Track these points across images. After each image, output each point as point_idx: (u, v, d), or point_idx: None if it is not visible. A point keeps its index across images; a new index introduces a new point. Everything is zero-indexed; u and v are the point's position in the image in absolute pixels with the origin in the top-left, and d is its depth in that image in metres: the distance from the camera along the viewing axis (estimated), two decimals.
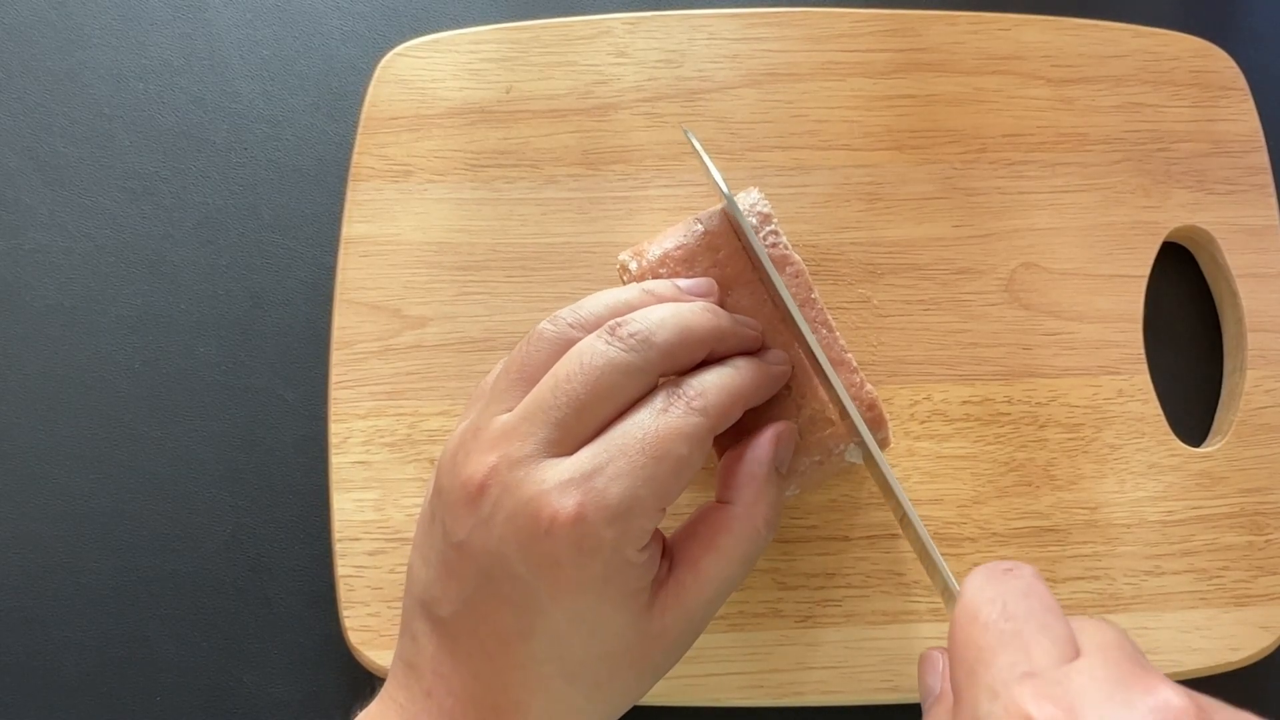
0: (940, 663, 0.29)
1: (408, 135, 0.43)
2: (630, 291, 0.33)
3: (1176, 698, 0.20)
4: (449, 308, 0.42)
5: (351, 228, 0.42)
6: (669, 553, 0.32)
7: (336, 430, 0.41)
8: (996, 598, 0.24)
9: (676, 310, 0.31)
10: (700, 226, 0.36)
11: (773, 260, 0.35)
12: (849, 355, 0.35)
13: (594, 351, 0.30)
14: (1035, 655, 0.22)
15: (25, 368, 0.43)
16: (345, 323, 0.42)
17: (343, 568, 0.40)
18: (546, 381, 0.30)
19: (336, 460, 0.40)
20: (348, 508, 0.40)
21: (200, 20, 0.47)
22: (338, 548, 0.40)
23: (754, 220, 0.36)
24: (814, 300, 0.36)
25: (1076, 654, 0.23)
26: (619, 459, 0.29)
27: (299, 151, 0.46)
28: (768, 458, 0.32)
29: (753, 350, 0.34)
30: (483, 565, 0.29)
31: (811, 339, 0.34)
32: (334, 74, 0.46)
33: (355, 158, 0.43)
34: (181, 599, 0.42)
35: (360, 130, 0.43)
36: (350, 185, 0.43)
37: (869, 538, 0.40)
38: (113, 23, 0.47)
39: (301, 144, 0.46)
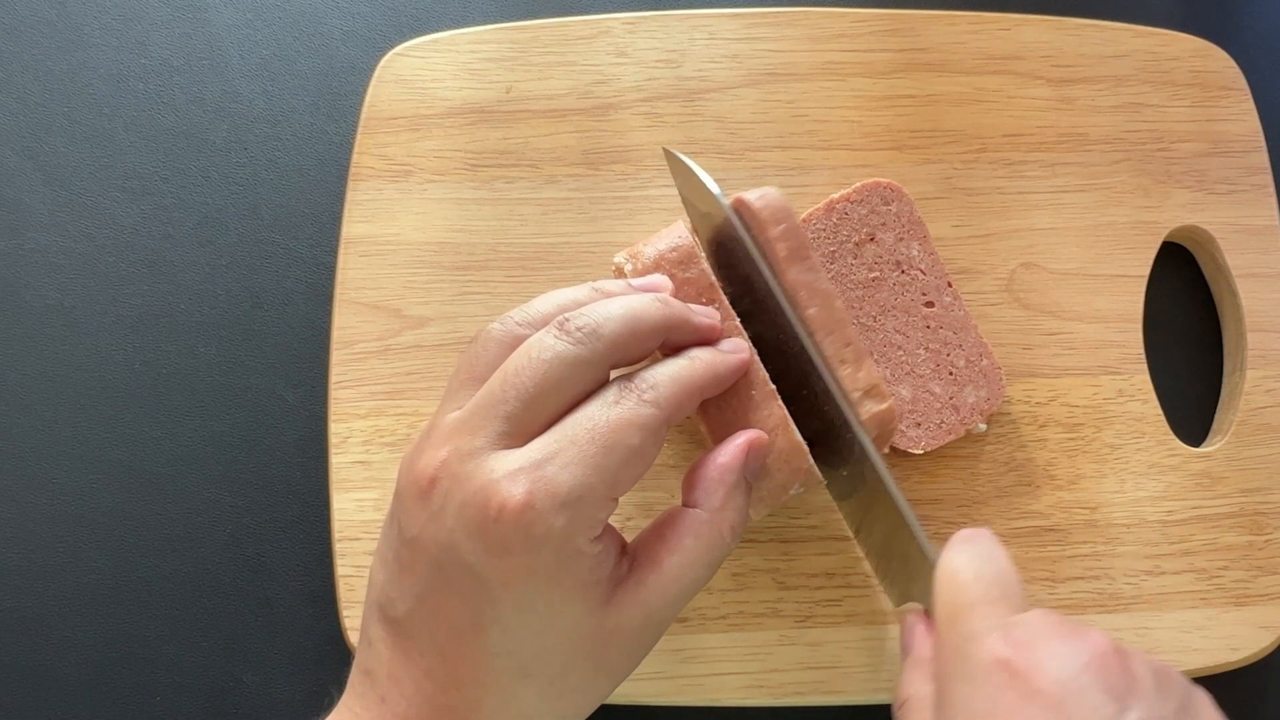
0: (919, 626, 0.33)
1: (408, 135, 0.43)
2: (580, 290, 0.33)
3: (1103, 637, 0.27)
4: (449, 308, 0.42)
5: (351, 228, 0.42)
6: (630, 552, 0.32)
7: (336, 430, 0.41)
8: (968, 564, 0.30)
9: (626, 303, 0.31)
10: None
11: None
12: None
13: (542, 345, 0.30)
14: (1000, 609, 0.29)
15: (25, 368, 0.43)
16: (345, 323, 0.42)
17: (343, 568, 0.40)
18: (496, 377, 0.30)
19: (336, 460, 0.40)
20: (348, 508, 0.40)
21: (200, 20, 0.47)
22: (338, 548, 0.40)
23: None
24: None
25: (1028, 607, 0.29)
26: (569, 449, 0.29)
27: (299, 151, 0.46)
28: (738, 465, 0.32)
29: (709, 340, 0.34)
30: (434, 558, 0.29)
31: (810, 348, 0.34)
32: (334, 74, 0.46)
33: (355, 158, 0.43)
34: (181, 599, 0.42)
35: (360, 130, 0.43)
36: (350, 185, 0.43)
37: None
38: (113, 23, 0.47)
39: (301, 144, 0.46)
